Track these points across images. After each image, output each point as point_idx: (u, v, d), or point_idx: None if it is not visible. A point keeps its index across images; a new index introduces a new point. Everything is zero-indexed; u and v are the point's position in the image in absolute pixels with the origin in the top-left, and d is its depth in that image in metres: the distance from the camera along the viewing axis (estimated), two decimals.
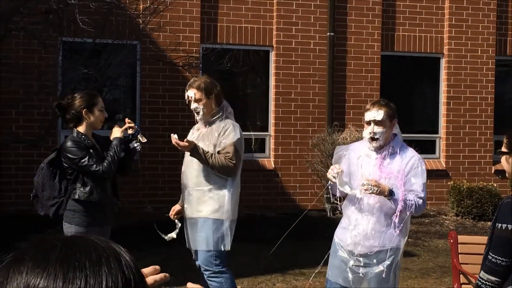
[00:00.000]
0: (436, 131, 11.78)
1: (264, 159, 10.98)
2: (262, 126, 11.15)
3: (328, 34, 11.02)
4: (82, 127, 4.54)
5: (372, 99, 10.58)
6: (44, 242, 0.94)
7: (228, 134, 4.64)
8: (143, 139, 4.78)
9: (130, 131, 4.76)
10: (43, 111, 9.62)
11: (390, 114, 4.23)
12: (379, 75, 11.35)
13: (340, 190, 4.23)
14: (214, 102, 4.69)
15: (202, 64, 10.27)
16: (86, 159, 4.42)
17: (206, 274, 4.69)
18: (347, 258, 4.29)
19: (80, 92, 4.72)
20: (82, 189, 4.46)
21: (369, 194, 4.11)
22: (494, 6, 11.78)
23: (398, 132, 4.35)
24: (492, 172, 11.77)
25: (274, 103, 10.95)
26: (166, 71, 10.34)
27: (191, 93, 4.71)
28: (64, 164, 4.47)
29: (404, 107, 10.09)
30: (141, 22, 9.56)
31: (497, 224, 3.07)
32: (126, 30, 9.67)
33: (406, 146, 4.38)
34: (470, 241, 5.43)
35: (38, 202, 4.57)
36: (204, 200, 4.67)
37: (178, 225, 4.98)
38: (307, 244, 7.97)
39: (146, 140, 4.82)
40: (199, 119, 4.77)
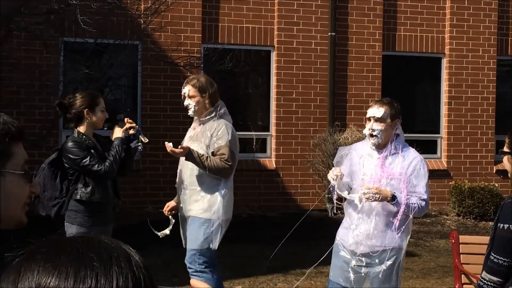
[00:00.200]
0: (437, 131, 11.77)
1: (266, 159, 10.98)
2: (264, 126, 11.14)
3: (330, 34, 11.01)
4: (83, 127, 4.53)
5: (373, 99, 10.57)
6: (55, 241, 0.94)
7: (221, 135, 4.65)
8: (145, 139, 4.77)
9: (132, 131, 4.75)
10: (44, 111, 9.62)
11: (392, 113, 4.23)
12: (381, 75, 11.34)
13: (338, 193, 4.24)
14: (207, 101, 4.70)
15: (203, 64, 10.27)
16: (88, 159, 4.41)
17: (189, 272, 4.72)
18: (349, 258, 4.29)
19: (81, 92, 4.71)
20: (83, 189, 4.45)
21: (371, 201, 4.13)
22: (495, 6, 11.77)
23: (400, 132, 4.34)
24: (494, 172, 11.76)
25: (276, 103, 10.95)
26: (168, 71, 10.34)
27: (186, 89, 4.76)
28: (66, 164, 4.46)
29: (405, 107, 10.02)
30: (142, 22, 9.57)
31: (499, 224, 3.06)
32: (128, 30, 9.67)
33: (408, 146, 4.37)
34: (472, 241, 5.43)
35: (39, 202, 4.56)
36: (196, 199, 4.70)
37: (171, 221, 4.98)
38: (308, 244, 7.97)
39: (148, 140, 4.82)
40: (190, 115, 4.80)
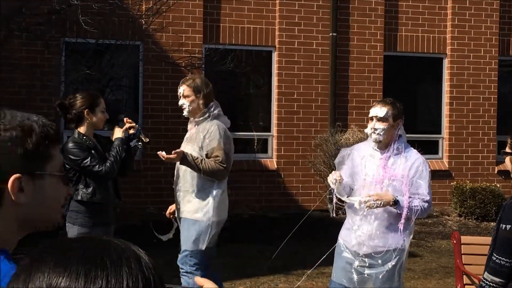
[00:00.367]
0: (439, 132, 11.76)
1: (267, 160, 10.97)
2: (265, 126, 11.14)
3: (331, 34, 11.01)
4: (83, 128, 4.53)
5: (374, 100, 10.57)
6: (65, 242, 0.94)
7: (213, 137, 4.62)
8: (145, 139, 4.77)
9: (132, 131, 4.76)
10: (45, 112, 9.61)
11: (395, 113, 4.23)
12: (382, 76, 11.33)
13: (338, 197, 4.26)
14: (202, 101, 4.68)
15: (205, 64, 10.27)
16: (88, 159, 4.41)
17: (180, 272, 4.72)
18: (352, 259, 4.29)
19: (82, 92, 4.71)
20: (84, 190, 4.46)
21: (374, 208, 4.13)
22: (497, 6, 11.76)
23: (402, 133, 4.34)
24: (495, 172, 11.74)
25: (277, 103, 10.94)
26: (169, 72, 10.34)
27: (181, 89, 4.75)
28: (66, 165, 4.46)
29: (407, 108, 9.99)
30: (143, 22, 9.57)
31: (501, 225, 3.06)
32: (129, 30, 9.67)
33: (410, 147, 4.37)
34: (473, 241, 5.42)
35: None
36: (188, 200, 4.69)
37: (175, 224, 4.98)
38: (310, 245, 7.96)
39: (148, 140, 4.81)
40: (184, 115, 4.78)
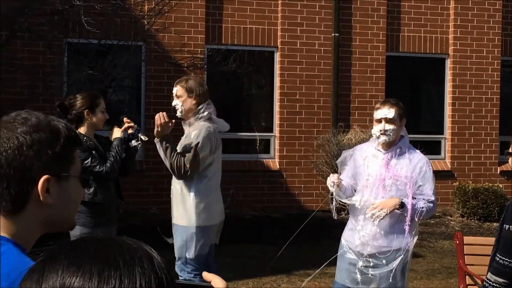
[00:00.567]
0: (441, 132, 11.75)
1: (269, 160, 10.97)
2: (267, 127, 11.14)
3: (333, 35, 11.00)
4: (83, 128, 4.54)
5: (377, 100, 10.56)
6: (78, 241, 0.94)
7: (193, 138, 4.56)
8: (144, 137, 4.77)
9: (130, 131, 4.77)
10: (48, 112, 9.61)
11: (400, 113, 4.24)
12: (384, 76, 11.33)
13: (337, 200, 4.25)
14: (194, 102, 4.63)
15: (207, 65, 10.27)
16: (89, 160, 4.42)
17: (179, 279, 4.68)
18: (356, 259, 4.28)
19: (82, 93, 4.71)
20: (86, 190, 4.46)
21: (377, 200, 4.14)
22: (499, 7, 11.74)
23: (404, 133, 4.34)
24: (498, 173, 11.73)
25: (279, 104, 10.94)
26: (171, 72, 10.33)
27: (175, 89, 4.72)
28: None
29: (409, 108, 10.02)
30: (146, 23, 9.56)
31: (504, 225, 3.05)
32: (131, 31, 9.67)
33: (413, 148, 4.38)
34: (476, 242, 5.42)
35: None
36: (177, 205, 4.62)
37: None
38: (312, 245, 7.96)
39: (147, 139, 4.81)
40: (178, 116, 4.73)
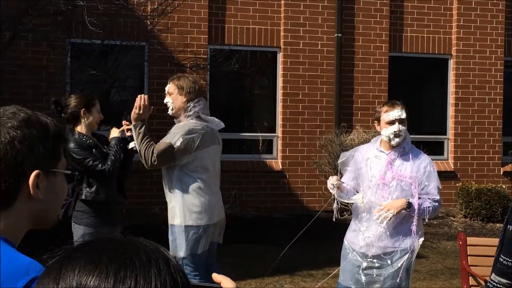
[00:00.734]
0: (444, 133, 11.74)
1: (272, 160, 10.97)
2: (270, 127, 11.14)
3: (336, 35, 11.00)
4: (81, 127, 4.58)
5: (380, 101, 10.56)
6: (95, 241, 0.95)
7: (171, 133, 4.58)
8: None
9: (129, 134, 4.79)
10: (51, 113, 9.63)
11: (406, 113, 4.28)
12: (387, 76, 11.32)
13: (338, 200, 4.26)
14: (185, 99, 4.60)
15: (210, 65, 10.28)
16: (91, 159, 4.44)
17: None
18: (360, 260, 4.28)
19: (77, 94, 4.79)
20: (88, 189, 4.47)
21: (383, 200, 4.14)
22: (502, 7, 11.73)
23: (407, 134, 4.35)
24: (501, 173, 11.71)
25: (282, 104, 10.94)
26: (174, 72, 10.23)
27: (167, 87, 4.70)
28: (69, 165, 4.48)
29: (412, 109, 10.01)
30: (149, 23, 9.58)
31: (508, 226, 3.04)
32: (134, 31, 9.68)
33: (416, 148, 4.40)
34: (479, 243, 5.40)
35: None
36: (168, 201, 4.60)
37: None
38: (314, 246, 7.95)
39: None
40: (169, 113, 4.73)
